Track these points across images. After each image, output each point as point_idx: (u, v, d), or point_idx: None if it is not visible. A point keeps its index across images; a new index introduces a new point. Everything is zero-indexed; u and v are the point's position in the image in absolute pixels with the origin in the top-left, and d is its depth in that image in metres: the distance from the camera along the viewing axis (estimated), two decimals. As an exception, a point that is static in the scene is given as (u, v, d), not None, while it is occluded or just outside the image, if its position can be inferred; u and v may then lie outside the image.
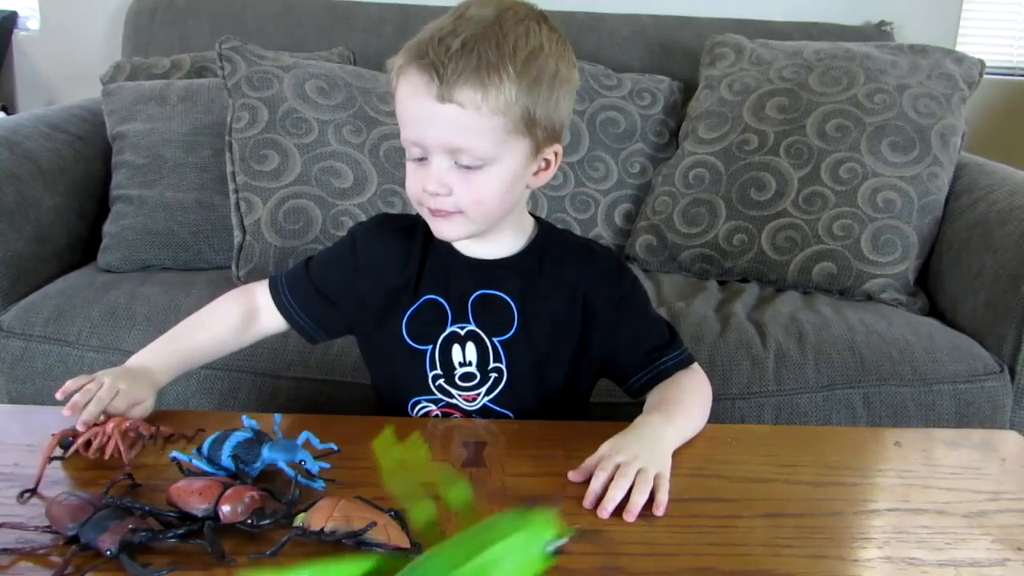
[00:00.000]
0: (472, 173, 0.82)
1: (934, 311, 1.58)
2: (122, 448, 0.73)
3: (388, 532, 0.60)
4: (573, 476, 0.75)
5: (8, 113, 2.22)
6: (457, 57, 0.78)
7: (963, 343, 1.41)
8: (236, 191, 1.57)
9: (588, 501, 0.71)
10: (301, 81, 1.63)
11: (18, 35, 2.26)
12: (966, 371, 1.36)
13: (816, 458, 0.82)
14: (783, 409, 1.32)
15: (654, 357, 0.92)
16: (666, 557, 0.64)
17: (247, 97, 1.60)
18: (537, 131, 0.83)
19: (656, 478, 0.73)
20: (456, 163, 0.82)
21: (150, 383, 0.85)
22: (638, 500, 0.70)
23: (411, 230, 0.93)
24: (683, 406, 0.87)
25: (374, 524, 0.59)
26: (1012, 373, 1.38)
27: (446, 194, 0.82)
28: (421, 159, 0.84)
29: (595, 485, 0.72)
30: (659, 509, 0.70)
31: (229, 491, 0.63)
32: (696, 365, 0.94)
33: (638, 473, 0.72)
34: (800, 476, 0.78)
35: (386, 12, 2.06)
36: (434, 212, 0.84)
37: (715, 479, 0.77)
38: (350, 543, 0.60)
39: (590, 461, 0.76)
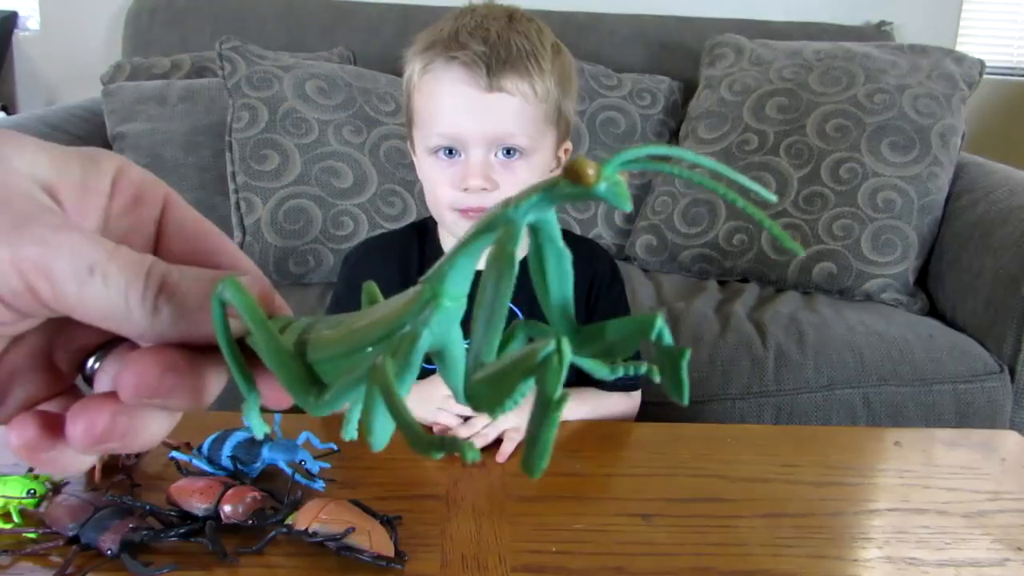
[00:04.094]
0: (513, 163, 0.82)
1: (934, 311, 1.58)
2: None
3: (371, 538, 0.59)
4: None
5: (8, 113, 2.22)
6: (497, 47, 0.79)
7: (963, 343, 1.41)
8: (236, 191, 1.57)
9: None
10: (301, 81, 1.63)
11: (18, 35, 2.27)
12: (966, 371, 1.36)
13: (816, 458, 0.82)
14: (783, 409, 1.32)
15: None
16: (666, 557, 0.64)
17: (247, 97, 1.60)
18: (561, 124, 0.85)
19: (509, 431, 0.80)
20: (496, 155, 0.82)
21: None
22: (502, 449, 0.79)
23: (402, 248, 0.93)
24: (584, 400, 0.92)
25: (352, 529, 0.59)
26: (1012, 373, 1.38)
27: (491, 188, 0.82)
28: (451, 157, 0.83)
29: (463, 431, 0.81)
30: (500, 457, 0.77)
31: (231, 491, 0.63)
32: (637, 392, 0.98)
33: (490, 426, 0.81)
34: (800, 476, 0.78)
35: (386, 12, 2.06)
36: (468, 212, 0.83)
37: (715, 479, 0.77)
38: (332, 546, 0.60)
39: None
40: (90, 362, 0.26)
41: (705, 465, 0.79)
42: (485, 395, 0.22)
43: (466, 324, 0.23)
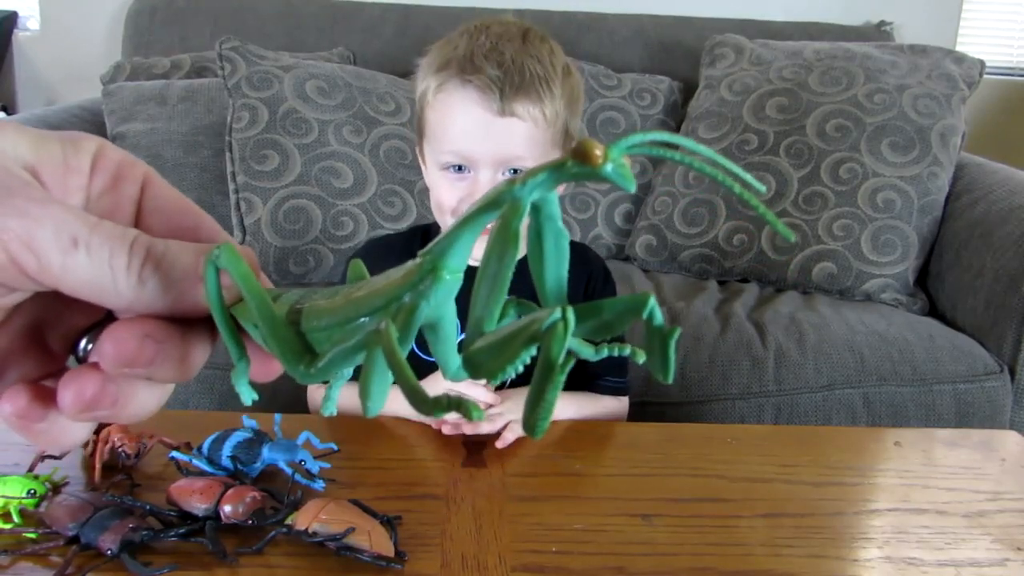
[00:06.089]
0: None
1: (934, 311, 1.58)
2: (128, 452, 0.72)
3: (372, 538, 0.59)
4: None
5: (8, 114, 2.22)
6: (511, 72, 0.82)
7: (963, 343, 1.41)
8: (236, 191, 1.57)
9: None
10: (301, 81, 1.63)
11: (18, 35, 2.27)
12: (966, 371, 1.36)
13: (816, 458, 0.82)
14: (783, 409, 1.32)
15: (599, 373, 0.97)
16: (666, 557, 0.64)
17: (247, 97, 1.60)
18: (567, 143, 0.87)
19: (512, 423, 0.83)
20: (503, 174, 0.85)
21: None
22: (504, 436, 0.81)
23: (405, 249, 0.94)
24: (576, 400, 0.93)
25: (352, 529, 0.59)
26: (1012, 373, 1.38)
27: None
28: (460, 173, 0.86)
29: (467, 428, 0.82)
30: (500, 443, 0.80)
31: (231, 491, 0.63)
32: (625, 397, 0.99)
33: (500, 417, 0.83)
34: (800, 476, 0.78)
35: (386, 12, 2.06)
36: None
37: (715, 479, 0.77)
38: (331, 546, 0.60)
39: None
40: (82, 343, 0.26)
41: (705, 465, 0.79)
42: (485, 361, 0.23)
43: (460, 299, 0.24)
